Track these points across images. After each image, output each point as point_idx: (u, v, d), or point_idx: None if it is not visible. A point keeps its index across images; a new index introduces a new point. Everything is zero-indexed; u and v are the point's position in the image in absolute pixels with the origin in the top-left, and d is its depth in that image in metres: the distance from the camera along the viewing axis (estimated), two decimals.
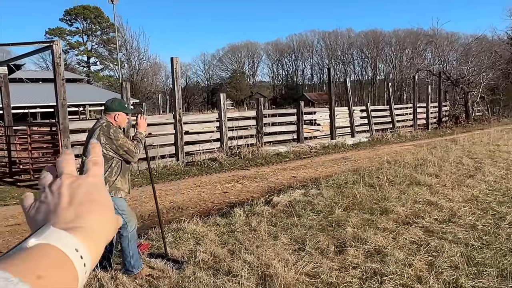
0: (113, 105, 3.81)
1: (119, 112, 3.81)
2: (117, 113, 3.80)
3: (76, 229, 0.52)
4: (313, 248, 4.06)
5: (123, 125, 3.90)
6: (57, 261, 0.48)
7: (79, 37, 59.46)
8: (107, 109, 3.81)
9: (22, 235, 6.22)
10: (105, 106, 3.84)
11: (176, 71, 12.22)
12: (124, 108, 3.85)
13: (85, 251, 0.51)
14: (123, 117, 3.85)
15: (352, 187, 6.59)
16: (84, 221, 0.54)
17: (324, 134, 17.08)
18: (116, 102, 3.86)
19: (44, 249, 0.49)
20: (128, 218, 3.79)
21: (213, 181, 9.92)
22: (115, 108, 3.80)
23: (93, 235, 0.54)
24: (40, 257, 0.48)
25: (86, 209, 0.56)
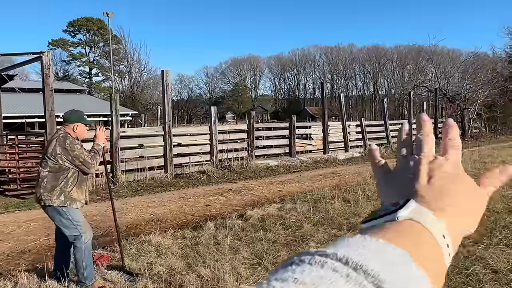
0: (71, 117, 3.86)
1: (78, 123, 3.85)
2: (75, 125, 3.85)
3: (440, 211, 0.47)
4: (271, 262, 4.05)
5: (82, 136, 3.93)
6: (429, 241, 0.43)
7: (81, 48, 60.24)
8: (66, 121, 3.86)
9: None
10: (64, 117, 3.89)
11: (166, 83, 12.33)
12: (82, 119, 3.90)
13: (449, 238, 0.45)
14: (82, 129, 3.89)
15: (327, 202, 6.59)
16: (447, 202, 0.48)
17: (317, 148, 17.11)
18: (74, 114, 3.90)
19: (416, 226, 0.44)
20: (82, 229, 3.80)
21: (198, 194, 9.92)
22: (73, 119, 3.85)
23: (457, 218, 0.48)
24: (415, 234, 0.43)
25: (448, 190, 0.50)
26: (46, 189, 3.68)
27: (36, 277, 3.88)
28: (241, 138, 14.72)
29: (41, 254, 5.56)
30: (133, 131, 13.17)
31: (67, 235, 3.75)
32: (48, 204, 3.69)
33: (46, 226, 6.59)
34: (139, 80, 47.04)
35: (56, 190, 3.68)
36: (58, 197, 3.68)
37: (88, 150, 3.90)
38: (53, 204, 3.68)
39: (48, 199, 3.67)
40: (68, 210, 3.71)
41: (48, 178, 3.70)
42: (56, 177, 3.70)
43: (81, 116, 3.92)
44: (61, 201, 3.69)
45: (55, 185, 3.68)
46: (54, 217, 3.75)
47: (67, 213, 3.72)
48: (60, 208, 3.70)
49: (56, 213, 3.72)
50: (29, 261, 5.45)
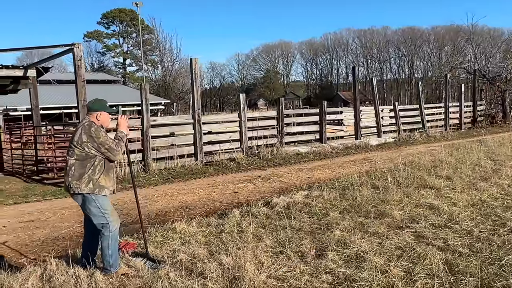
0: (94, 105, 3.92)
1: (101, 112, 3.90)
2: (98, 113, 3.90)
3: None
4: (294, 251, 4.00)
5: (106, 125, 3.98)
6: None
7: (115, 39, 61.51)
8: (89, 110, 3.92)
9: (32, 231, 6.48)
10: (87, 106, 3.96)
11: (195, 72, 12.37)
12: (105, 107, 3.95)
13: None
14: (105, 117, 3.94)
15: (355, 189, 6.44)
16: None
17: (349, 134, 16.79)
18: (97, 103, 3.95)
19: None
20: (110, 218, 3.85)
21: (227, 181, 9.96)
22: (96, 108, 3.90)
23: None
24: None
25: None
26: (74, 177, 3.75)
27: (65, 264, 3.99)
28: (271, 125, 14.63)
29: (74, 241, 5.75)
30: (164, 119, 13.33)
31: (95, 223, 3.82)
32: (77, 192, 3.76)
33: (79, 213, 6.77)
34: (171, 69, 47.62)
35: (84, 178, 3.74)
36: (87, 184, 3.74)
37: (113, 137, 3.95)
38: (82, 191, 3.74)
39: (77, 187, 3.74)
40: (97, 197, 3.77)
41: (75, 166, 3.76)
42: (83, 164, 3.76)
43: (104, 104, 3.97)
44: (90, 188, 3.74)
45: (83, 172, 3.74)
46: (83, 206, 3.82)
47: (96, 200, 3.78)
48: (89, 196, 3.76)
49: (85, 200, 3.79)
50: (62, 247, 5.63)
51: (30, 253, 5.47)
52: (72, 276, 3.63)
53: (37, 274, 3.70)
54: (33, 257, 5.24)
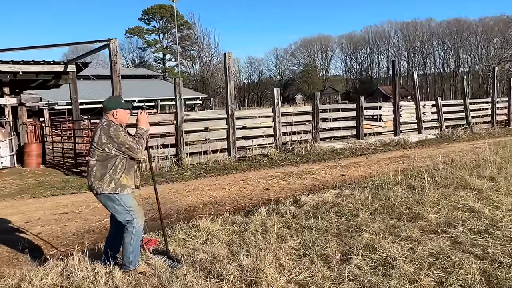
0: (109, 104, 3.85)
1: (116, 109, 3.83)
2: (114, 111, 3.83)
3: None
4: (318, 254, 3.80)
5: (124, 121, 3.91)
6: None
7: (155, 35, 62.72)
8: (105, 109, 3.86)
9: (65, 223, 6.62)
10: (103, 105, 3.90)
11: (228, 66, 12.29)
12: (120, 104, 3.87)
13: None
14: (122, 114, 3.86)
15: (389, 189, 6.13)
16: None
17: (387, 130, 16.22)
18: (112, 100, 3.89)
19: None
20: (135, 214, 3.82)
21: (258, 177, 9.84)
22: (112, 106, 3.84)
23: None
24: None
25: None
26: (96, 177, 3.73)
27: (87, 259, 3.98)
28: (306, 120, 14.36)
29: (103, 234, 5.79)
30: (197, 114, 13.36)
31: (120, 220, 3.79)
32: (100, 192, 3.75)
33: None
34: (209, 64, 48.02)
35: (106, 178, 3.71)
36: (109, 184, 3.71)
37: (132, 135, 3.88)
38: (105, 191, 3.72)
39: (99, 187, 3.73)
40: (120, 196, 3.75)
41: (96, 166, 3.74)
42: (104, 165, 3.73)
43: (118, 101, 3.90)
44: (112, 188, 3.72)
45: (104, 173, 3.72)
46: (107, 204, 3.81)
47: (119, 199, 3.75)
48: (111, 195, 3.74)
49: (109, 200, 3.77)
50: (92, 240, 5.69)
51: (61, 245, 5.56)
52: (91, 272, 3.61)
53: (58, 269, 3.71)
54: (63, 250, 5.32)
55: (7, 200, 8.74)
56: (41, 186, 10.10)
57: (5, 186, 10.22)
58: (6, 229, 6.43)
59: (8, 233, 6.22)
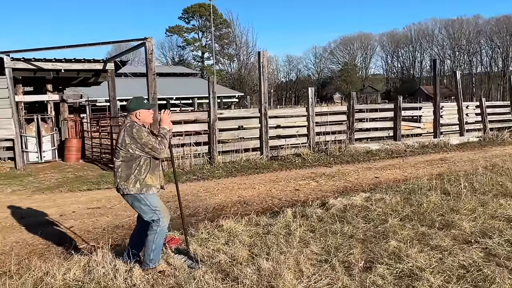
0: (131, 105, 3.88)
1: (139, 110, 3.85)
2: (137, 112, 3.86)
3: None
4: (340, 260, 3.66)
5: (148, 122, 3.94)
6: None
7: (195, 33, 63.61)
8: (128, 110, 3.90)
9: (96, 218, 6.78)
10: (126, 107, 3.94)
11: (262, 65, 12.22)
12: (142, 105, 3.89)
13: None
14: (145, 114, 3.89)
15: (423, 194, 5.87)
16: None
17: (426, 132, 15.66)
18: (134, 101, 3.91)
19: None
20: (161, 214, 3.85)
21: (289, 177, 9.73)
22: (134, 107, 3.86)
23: None
24: None
25: None
26: (122, 178, 3.78)
27: (111, 255, 4.04)
28: (341, 120, 14.10)
29: (132, 230, 5.88)
30: (230, 112, 13.40)
31: (146, 219, 3.83)
32: (126, 193, 3.80)
33: None
34: (247, 62, 48.16)
35: (131, 179, 3.75)
36: (134, 185, 3.76)
37: (155, 135, 3.89)
38: (130, 192, 3.77)
39: (125, 188, 3.78)
40: (146, 196, 3.79)
41: (121, 167, 3.79)
42: (129, 165, 3.77)
43: (140, 102, 3.92)
44: (137, 188, 3.76)
45: (129, 173, 3.76)
46: (133, 204, 3.86)
47: (145, 199, 3.79)
48: (137, 195, 3.78)
49: (135, 200, 3.82)
50: (121, 236, 5.81)
51: (91, 239, 5.70)
52: (112, 269, 3.65)
53: (81, 264, 3.78)
54: (92, 244, 5.44)
55: (46, 193, 9.09)
56: (78, 180, 10.44)
57: (46, 179, 10.64)
58: (43, 222, 6.68)
59: (44, 225, 6.45)
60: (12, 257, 4.79)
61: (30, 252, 5.21)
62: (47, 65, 12.94)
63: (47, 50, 12.43)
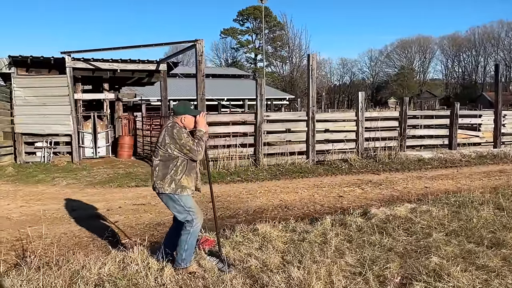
0: (179, 109, 3.97)
1: (185, 115, 3.92)
2: (183, 116, 3.94)
3: None
4: (375, 274, 3.49)
5: (190, 127, 4.00)
6: None
7: (248, 35, 64.29)
8: (174, 113, 3.99)
9: (140, 214, 6.99)
10: (173, 109, 4.03)
11: (312, 68, 12.08)
12: (189, 111, 3.97)
13: None
14: (189, 120, 3.96)
15: (474, 208, 5.49)
16: None
17: (485, 141, 14.76)
18: (181, 106, 4.00)
19: None
20: (195, 214, 3.89)
21: (334, 183, 9.52)
22: (181, 111, 3.94)
23: None
24: None
25: None
26: (158, 177, 3.86)
27: (147, 252, 4.12)
28: (392, 126, 13.61)
29: None
30: (277, 115, 13.35)
31: (180, 219, 3.88)
32: (161, 192, 3.88)
33: None
34: (299, 65, 47.88)
35: (167, 178, 3.82)
36: (170, 185, 3.82)
37: (193, 137, 3.93)
38: (165, 191, 3.84)
39: (160, 187, 3.85)
40: (180, 197, 3.84)
41: (159, 166, 3.87)
42: (166, 165, 3.84)
43: (188, 108, 4.01)
44: (172, 188, 3.82)
45: (166, 173, 3.83)
46: (168, 204, 3.93)
47: (179, 200, 3.85)
48: (172, 195, 3.85)
49: (169, 200, 3.89)
50: (161, 233, 5.92)
51: (133, 235, 5.86)
52: (145, 266, 3.71)
53: (116, 260, 3.88)
54: (134, 240, 5.59)
55: (96, 187, 9.51)
56: (128, 176, 10.82)
57: (98, 174, 11.13)
58: (91, 215, 6.98)
59: (92, 219, 6.74)
60: (58, 247, 5.04)
61: (76, 244, 5.43)
62: (104, 65, 13.55)
63: (104, 51, 13.03)
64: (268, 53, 61.05)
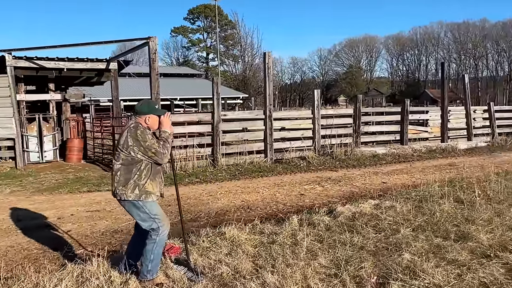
0: (143, 108, 3.65)
1: (149, 115, 3.62)
2: (147, 116, 3.63)
3: None
4: (351, 275, 3.42)
5: (154, 127, 3.69)
6: None
7: (200, 34, 63.55)
8: (137, 113, 3.66)
9: (95, 221, 6.56)
10: (136, 109, 3.70)
11: (268, 66, 12.00)
12: (154, 110, 3.66)
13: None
14: (154, 120, 3.65)
15: (435, 202, 5.61)
16: None
17: (434, 136, 15.38)
18: (146, 105, 3.69)
19: None
20: (161, 222, 3.62)
21: (294, 182, 9.49)
22: (145, 111, 3.63)
23: None
24: None
25: None
26: (120, 182, 3.55)
27: (107, 264, 3.81)
28: (346, 123, 13.84)
29: (130, 235, 5.66)
30: (234, 114, 13.17)
31: (144, 228, 3.59)
32: (124, 199, 3.56)
33: None
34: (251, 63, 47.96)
35: (130, 184, 3.52)
36: (133, 190, 3.52)
37: (157, 139, 3.66)
38: (128, 198, 3.53)
39: (123, 193, 3.54)
40: (145, 203, 3.55)
41: (121, 171, 3.55)
42: (129, 169, 3.53)
43: (152, 107, 3.70)
44: (136, 194, 3.52)
45: (129, 178, 3.52)
46: (131, 211, 3.63)
47: (144, 206, 3.55)
48: (136, 202, 3.54)
49: (133, 207, 3.58)
50: (119, 241, 5.58)
51: (88, 244, 5.48)
52: (106, 280, 3.42)
53: (74, 275, 3.56)
54: (90, 249, 5.22)
55: (45, 194, 8.89)
56: (79, 181, 10.24)
57: (45, 180, 10.45)
58: (40, 225, 6.47)
59: (41, 229, 6.25)
60: (5, 262, 4.58)
61: (25, 257, 4.99)
62: (50, 64, 12.76)
63: (49, 49, 12.27)
64: (220, 52, 60.67)
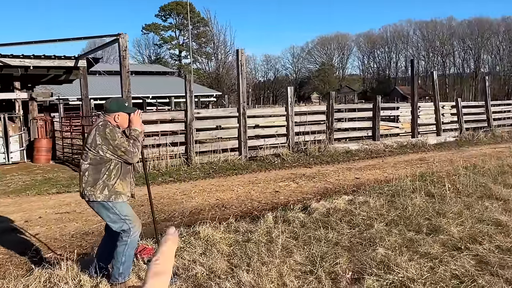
0: (112, 106, 3.52)
1: (118, 112, 3.50)
2: (116, 114, 3.51)
3: None
4: (326, 272, 3.42)
5: (124, 126, 3.57)
6: None
7: (172, 31, 62.73)
8: (106, 111, 3.53)
9: (65, 223, 6.36)
10: (104, 107, 3.57)
11: (241, 63, 11.93)
12: (123, 108, 3.54)
13: None
14: (124, 118, 3.54)
15: (407, 197, 5.70)
16: None
17: (404, 131, 15.68)
18: (114, 103, 3.56)
19: None
20: (132, 223, 3.50)
21: (269, 179, 9.48)
22: (114, 108, 3.51)
23: None
24: None
25: None
26: (88, 183, 3.41)
27: (76, 268, 3.68)
28: (320, 120, 13.94)
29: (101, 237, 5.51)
30: (208, 112, 13.06)
31: (115, 229, 3.47)
32: (92, 200, 3.43)
33: None
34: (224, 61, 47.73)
35: (99, 184, 3.39)
36: (102, 191, 3.39)
37: (127, 137, 3.54)
38: (97, 199, 3.40)
39: (91, 194, 3.40)
40: (114, 204, 3.43)
41: (89, 171, 3.42)
42: (98, 169, 3.40)
43: (122, 105, 3.58)
44: (105, 195, 3.39)
45: (97, 178, 3.39)
46: (100, 213, 3.50)
47: (114, 207, 3.43)
48: (105, 203, 3.42)
49: (102, 208, 3.45)
50: (90, 243, 5.42)
51: (57, 248, 5.30)
52: (76, 285, 3.30)
53: (41, 280, 3.41)
54: (59, 253, 5.05)
55: (11, 196, 8.57)
56: (47, 182, 9.92)
57: (12, 182, 10.07)
58: (6, 228, 6.21)
59: (7, 233, 6.00)
60: None
61: None
62: (15, 61, 12.29)
63: (15, 46, 11.82)
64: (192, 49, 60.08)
